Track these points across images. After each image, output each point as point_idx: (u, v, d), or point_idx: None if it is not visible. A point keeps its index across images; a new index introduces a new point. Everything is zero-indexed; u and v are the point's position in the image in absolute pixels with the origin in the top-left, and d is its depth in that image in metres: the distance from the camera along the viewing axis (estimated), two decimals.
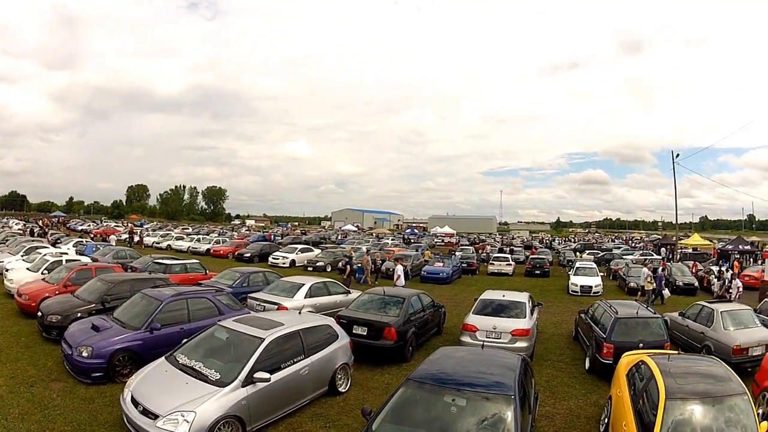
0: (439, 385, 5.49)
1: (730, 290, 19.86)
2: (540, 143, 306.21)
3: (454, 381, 5.58)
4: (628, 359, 7.91)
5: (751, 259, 35.60)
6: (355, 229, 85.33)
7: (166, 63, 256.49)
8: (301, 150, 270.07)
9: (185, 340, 7.85)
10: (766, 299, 14.93)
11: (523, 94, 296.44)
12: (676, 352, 8.24)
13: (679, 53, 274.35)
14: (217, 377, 6.53)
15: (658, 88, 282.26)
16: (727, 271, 23.22)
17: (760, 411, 7.92)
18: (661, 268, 22.64)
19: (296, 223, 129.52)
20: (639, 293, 21.45)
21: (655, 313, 11.24)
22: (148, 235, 45.86)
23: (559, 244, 70.16)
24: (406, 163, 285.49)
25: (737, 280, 23.05)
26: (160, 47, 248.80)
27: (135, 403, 6.26)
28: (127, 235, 42.78)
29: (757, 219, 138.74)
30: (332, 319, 9.87)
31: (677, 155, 34.33)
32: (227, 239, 42.70)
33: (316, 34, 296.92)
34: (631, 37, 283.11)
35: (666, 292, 20.75)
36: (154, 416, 5.88)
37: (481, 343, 8.75)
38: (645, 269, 21.72)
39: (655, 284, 20.39)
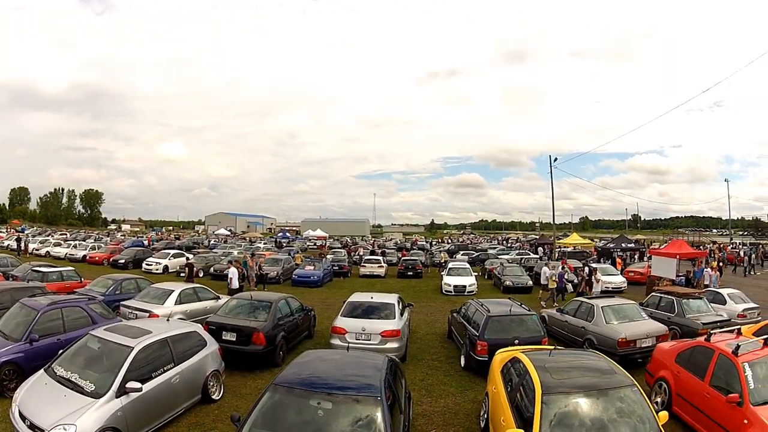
0: (304, 388, 5.57)
1: (590, 286, 20.94)
2: (415, 147, 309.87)
3: (320, 384, 5.68)
4: (501, 356, 8.19)
5: (636, 256, 38.66)
6: (228, 233, 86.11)
7: (52, 58, 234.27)
8: (176, 152, 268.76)
9: (61, 351, 7.83)
10: (652, 293, 15.95)
11: (399, 99, 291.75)
12: (553, 347, 8.49)
13: (561, 62, 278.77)
14: (92, 388, 6.63)
15: (538, 96, 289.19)
16: (584, 268, 24.36)
17: (659, 400, 8.49)
18: (561, 267, 23.49)
19: (171, 228, 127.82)
20: (541, 290, 22.83)
21: (529, 310, 11.77)
22: (28, 242, 43.40)
23: (432, 245, 69.62)
24: (279, 165, 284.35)
25: (619, 275, 25.96)
26: (48, 41, 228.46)
27: (23, 417, 6.39)
28: (12, 242, 41.26)
29: (642, 219, 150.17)
30: (200, 325, 9.79)
31: (555, 159, 37.57)
32: (102, 245, 42.08)
33: (195, 34, 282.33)
34: (513, 47, 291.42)
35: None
36: (40, 430, 6.09)
37: (346, 345, 9.50)
38: (546, 268, 22.57)
39: (557, 282, 21.45)
